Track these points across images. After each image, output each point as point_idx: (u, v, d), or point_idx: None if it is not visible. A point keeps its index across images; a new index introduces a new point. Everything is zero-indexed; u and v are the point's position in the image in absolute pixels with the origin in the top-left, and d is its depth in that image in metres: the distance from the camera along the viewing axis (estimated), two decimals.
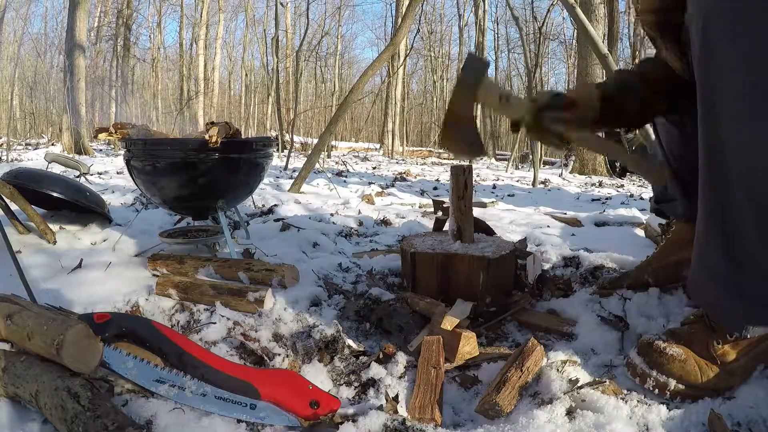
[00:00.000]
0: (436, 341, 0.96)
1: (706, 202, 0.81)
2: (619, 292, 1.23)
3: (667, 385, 0.83)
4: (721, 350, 0.85)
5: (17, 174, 1.75)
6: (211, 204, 1.53)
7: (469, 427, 0.81)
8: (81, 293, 1.22)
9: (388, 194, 3.50)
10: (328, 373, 0.96)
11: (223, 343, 1.04)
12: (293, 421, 0.79)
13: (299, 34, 18.20)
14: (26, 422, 0.77)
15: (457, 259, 1.21)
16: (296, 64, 12.17)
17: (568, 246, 1.79)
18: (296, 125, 11.52)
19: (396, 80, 14.05)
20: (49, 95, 13.95)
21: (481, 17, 13.28)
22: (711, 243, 0.82)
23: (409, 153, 14.11)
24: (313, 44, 18.15)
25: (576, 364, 0.91)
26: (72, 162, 3.60)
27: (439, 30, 22.43)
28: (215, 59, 17.12)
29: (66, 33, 8.82)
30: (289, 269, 1.31)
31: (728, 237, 0.78)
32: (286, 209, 2.54)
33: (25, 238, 1.67)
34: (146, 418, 0.78)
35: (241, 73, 21.83)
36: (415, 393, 0.86)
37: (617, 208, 2.77)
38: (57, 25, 19.77)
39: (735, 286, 0.80)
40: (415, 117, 23.21)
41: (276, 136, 8.57)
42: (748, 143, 0.72)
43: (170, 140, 1.51)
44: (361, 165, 7.72)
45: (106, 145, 9.95)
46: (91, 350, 0.81)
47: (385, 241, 1.98)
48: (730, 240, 0.78)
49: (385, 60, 3.62)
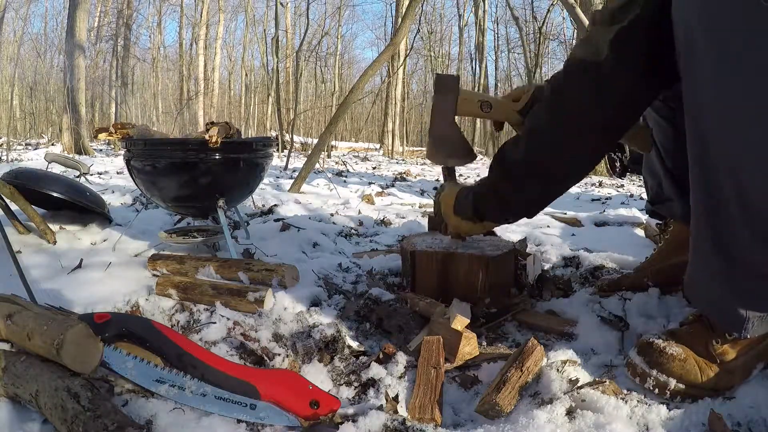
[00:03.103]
0: (436, 341, 0.96)
1: (698, 202, 0.81)
2: (618, 293, 1.23)
3: (667, 385, 0.83)
4: (721, 349, 0.85)
5: (17, 174, 1.75)
6: (211, 204, 1.53)
7: (469, 427, 0.81)
8: (81, 293, 1.23)
9: (388, 194, 3.50)
10: (328, 373, 0.96)
11: (223, 343, 1.04)
12: (293, 421, 0.79)
13: (299, 34, 18.22)
14: (26, 422, 0.77)
15: (457, 259, 1.21)
16: (296, 64, 12.20)
17: (568, 246, 1.80)
18: (296, 125, 11.54)
19: (396, 80, 14.05)
20: (49, 95, 13.96)
21: (481, 17, 13.29)
22: (705, 242, 0.82)
23: (409, 153, 14.11)
24: (313, 44, 18.17)
25: (576, 364, 0.91)
26: (72, 162, 3.59)
27: (439, 30, 22.45)
28: (215, 59, 17.11)
29: (66, 33, 8.82)
30: (289, 269, 1.31)
31: (720, 235, 0.78)
32: (286, 209, 2.55)
33: (25, 238, 1.67)
34: (146, 418, 0.78)
35: (241, 73, 21.83)
36: (415, 393, 0.86)
37: (617, 208, 2.77)
38: (57, 25, 19.79)
39: (730, 284, 0.80)
40: (415, 117, 23.21)
41: (276, 136, 8.58)
42: (729, 143, 0.72)
43: (170, 140, 1.51)
44: (361, 165, 7.72)
45: (106, 145, 9.95)
46: (91, 350, 0.81)
47: (385, 241, 1.98)
48: (722, 238, 0.78)
49: (385, 60, 3.62)
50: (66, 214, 1.94)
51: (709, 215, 0.79)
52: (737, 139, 0.71)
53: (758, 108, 0.67)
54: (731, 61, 0.68)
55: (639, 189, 4.84)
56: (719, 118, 0.72)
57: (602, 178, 6.43)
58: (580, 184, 5.34)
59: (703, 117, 0.75)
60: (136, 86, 18.85)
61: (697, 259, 0.86)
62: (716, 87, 0.71)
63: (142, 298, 1.22)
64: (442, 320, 1.06)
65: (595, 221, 2.44)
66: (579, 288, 1.36)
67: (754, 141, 0.69)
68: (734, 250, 0.77)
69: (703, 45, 0.71)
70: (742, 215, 0.73)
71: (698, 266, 0.86)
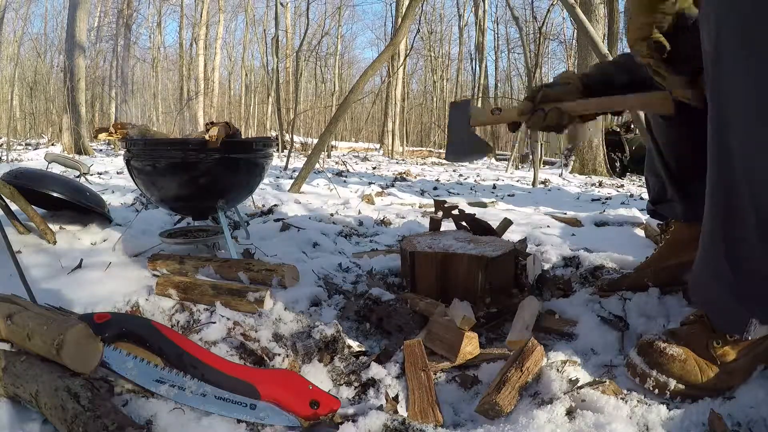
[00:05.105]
0: (417, 344, 0.97)
1: (714, 205, 0.81)
2: (618, 293, 1.23)
3: (667, 385, 0.83)
4: (721, 350, 0.85)
5: (17, 174, 1.75)
6: (211, 204, 1.53)
7: (469, 427, 0.81)
8: (81, 293, 1.22)
9: (388, 194, 3.50)
10: (328, 373, 0.96)
11: (223, 343, 1.04)
12: (293, 421, 0.79)
13: (299, 34, 18.21)
14: (26, 422, 0.77)
15: (456, 259, 1.21)
16: (296, 64, 12.19)
17: (568, 246, 1.79)
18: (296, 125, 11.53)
19: (396, 80, 14.04)
20: (49, 95, 13.94)
21: (481, 17, 13.30)
22: (715, 244, 0.82)
23: (409, 153, 14.10)
24: (313, 44, 18.17)
25: (576, 364, 0.91)
26: (72, 162, 3.60)
27: (439, 30, 22.45)
28: (215, 59, 17.10)
29: (66, 33, 8.81)
30: (289, 269, 1.31)
31: (731, 238, 0.78)
32: (286, 209, 2.54)
33: (25, 238, 1.67)
34: (146, 418, 0.78)
35: (241, 73, 21.82)
36: (411, 399, 0.86)
37: (617, 208, 2.77)
38: (57, 25, 19.74)
39: (735, 286, 0.80)
40: (415, 117, 23.19)
41: (276, 136, 8.58)
42: (753, 147, 0.72)
43: (170, 140, 1.51)
44: (361, 165, 7.72)
45: (106, 145, 9.95)
46: (91, 350, 0.81)
47: (385, 241, 1.98)
48: (732, 241, 0.78)
49: (385, 60, 3.62)
50: (66, 214, 1.94)
51: (722, 217, 0.79)
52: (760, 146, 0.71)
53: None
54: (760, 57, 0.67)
55: (639, 189, 4.84)
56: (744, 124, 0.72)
57: (602, 178, 6.43)
58: (580, 184, 5.36)
59: (727, 122, 0.75)
60: (136, 86, 18.84)
61: (704, 258, 0.86)
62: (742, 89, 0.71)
63: (142, 298, 1.22)
64: (442, 320, 1.06)
65: (595, 221, 2.44)
66: (579, 288, 1.36)
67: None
68: (742, 251, 0.77)
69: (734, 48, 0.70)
70: (754, 222, 0.74)
71: (704, 266, 0.86)
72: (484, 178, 5.89)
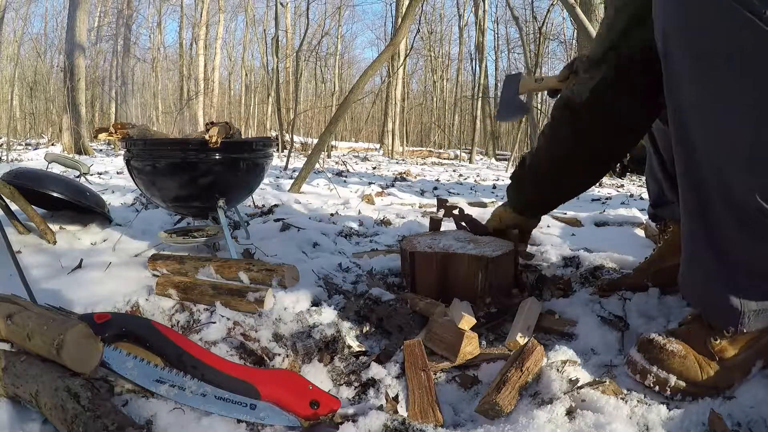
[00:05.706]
0: (417, 344, 0.97)
1: (687, 201, 0.83)
2: (618, 293, 1.23)
3: (667, 382, 0.84)
4: (719, 346, 0.85)
5: (17, 174, 1.75)
6: (211, 204, 1.53)
7: (469, 427, 0.81)
8: (81, 293, 1.22)
9: (388, 194, 3.50)
10: (328, 373, 0.96)
11: (223, 343, 1.04)
12: (293, 421, 0.79)
13: (299, 34, 18.19)
14: (26, 422, 0.77)
15: (456, 259, 1.21)
16: (296, 64, 12.19)
17: (568, 246, 1.79)
18: (296, 125, 11.53)
19: (396, 80, 14.03)
20: (49, 95, 13.93)
21: (481, 17, 13.29)
22: (697, 239, 0.84)
23: (409, 153, 14.09)
24: (313, 44, 18.15)
25: (576, 364, 0.91)
26: (72, 162, 3.59)
27: (439, 30, 22.44)
28: (215, 59, 17.09)
29: (66, 33, 8.80)
30: (289, 269, 1.31)
31: (710, 233, 0.80)
32: (286, 209, 2.54)
33: (25, 238, 1.67)
34: (146, 418, 0.78)
35: (241, 73, 21.82)
36: (411, 399, 0.86)
37: (617, 208, 2.77)
38: (57, 25, 19.71)
39: (723, 279, 0.81)
40: (415, 117, 23.18)
41: (276, 136, 8.57)
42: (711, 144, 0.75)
43: (170, 140, 1.51)
44: (361, 165, 7.72)
45: (106, 145, 9.95)
46: (91, 350, 0.81)
47: (385, 241, 1.98)
48: (712, 235, 0.80)
49: (385, 60, 3.62)
50: (66, 214, 1.94)
51: (698, 213, 0.81)
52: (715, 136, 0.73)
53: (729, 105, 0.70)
54: (705, 61, 0.71)
55: (639, 189, 4.84)
56: (697, 117, 0.75)
57: (602, 178, 6.43)
58: None
59: (683, 118, 0.77)
60: (136, 86, 18.81)
61: (690, 256, 0.87)
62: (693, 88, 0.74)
63: (142, 298, 1.22)
64: (442, 320, 1.06)
65: (595, 221, 2.44)
66: (579, 288, 1.36)
67: (730, 138, 0.71)
68: (724, 245, 0.79)
69: (678, 47, 0.74)
70: (727, 212, 0.76)
71: (691, 263, 0.87)
72: (484, 178, 5.90)
